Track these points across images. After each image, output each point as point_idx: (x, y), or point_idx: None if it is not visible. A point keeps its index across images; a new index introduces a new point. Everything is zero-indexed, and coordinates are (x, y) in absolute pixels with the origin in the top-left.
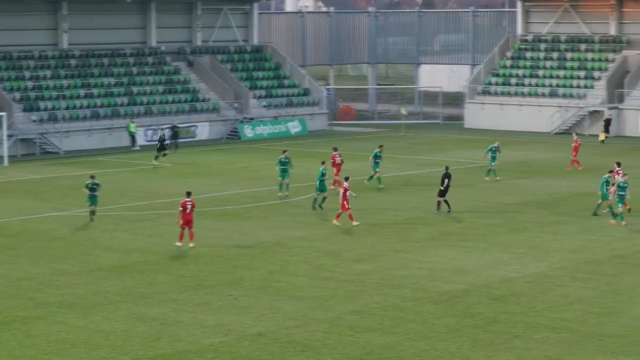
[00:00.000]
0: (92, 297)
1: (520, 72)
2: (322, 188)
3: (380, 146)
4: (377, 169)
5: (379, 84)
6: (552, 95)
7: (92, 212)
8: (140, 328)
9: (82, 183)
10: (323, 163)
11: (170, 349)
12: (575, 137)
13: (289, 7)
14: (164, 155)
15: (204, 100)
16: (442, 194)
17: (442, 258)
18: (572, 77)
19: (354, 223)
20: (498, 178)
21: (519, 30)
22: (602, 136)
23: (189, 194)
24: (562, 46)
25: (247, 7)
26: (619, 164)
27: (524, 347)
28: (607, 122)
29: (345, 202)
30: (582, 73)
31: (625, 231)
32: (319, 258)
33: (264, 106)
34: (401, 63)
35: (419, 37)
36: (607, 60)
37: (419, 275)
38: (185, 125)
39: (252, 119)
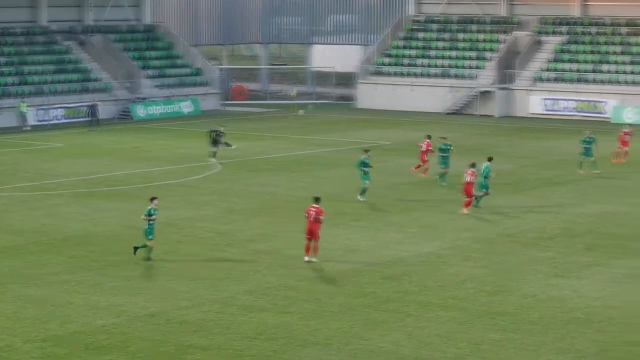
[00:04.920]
0: None
1: (413, 52)
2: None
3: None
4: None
5: (271, 64)
6: (444, 75)
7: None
8: (31, 309)
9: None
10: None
11: (61, 330)
12: (627, 129)
13: None
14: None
15: (95, 80)
16: None
17: (335, 238)
18: (463, 58)
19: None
20: (597, 171)
21: (411, 11)
22: None
23: (316, 199)
24: (454, 27)
25: None
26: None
27: (416, 325)
28: None
29: (471, 190)
30: (473, 54)
31: (515, 211)
32: (212, 238)
33: (157, 86)
34: (294, 43)
35: (312, 17)
36: (497, 41)
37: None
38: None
39: (144, 98)
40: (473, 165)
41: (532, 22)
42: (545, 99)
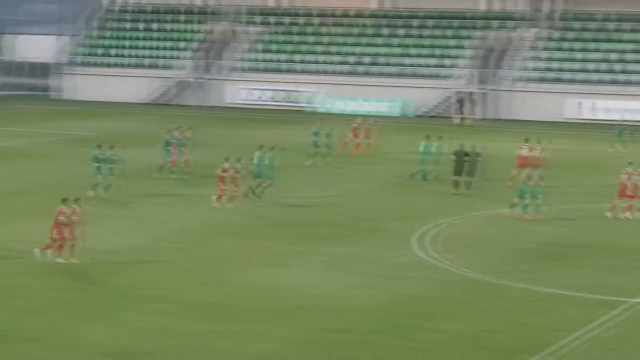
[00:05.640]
0: None
1: (112, 42)
2: None
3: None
4: None
5: None
6: (147, 66)
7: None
8: None
9: None
10: None
11: None
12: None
13: None
14: None
15: None
16: None
17: (47, 232)
18: (164, 48)
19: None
20: (308, 162)
21: (110, 0)
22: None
23: (75, 200)
24: (155, 17)
25: None
26: None
27: (131, 318)
28: (462, 102)
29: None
30: (174, 44)
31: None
32: None
33: None
34: None
35: (7, 6)
36: (197, 31)
37: (15, 248)
38: None
39: None
40: (233, 160)
41: (230, 12)
42: (244, 88)
